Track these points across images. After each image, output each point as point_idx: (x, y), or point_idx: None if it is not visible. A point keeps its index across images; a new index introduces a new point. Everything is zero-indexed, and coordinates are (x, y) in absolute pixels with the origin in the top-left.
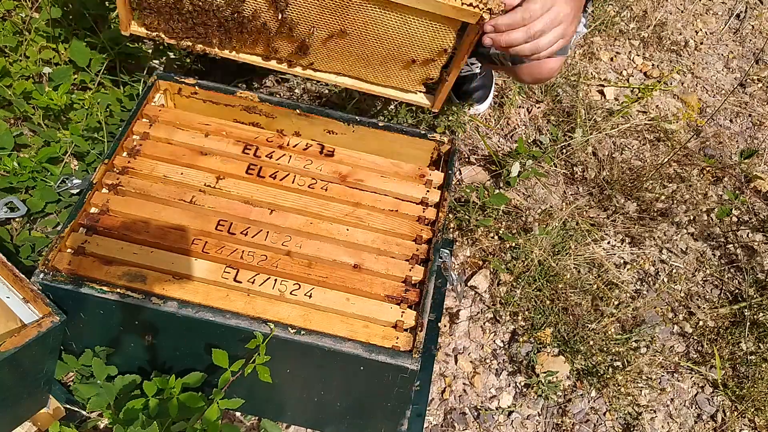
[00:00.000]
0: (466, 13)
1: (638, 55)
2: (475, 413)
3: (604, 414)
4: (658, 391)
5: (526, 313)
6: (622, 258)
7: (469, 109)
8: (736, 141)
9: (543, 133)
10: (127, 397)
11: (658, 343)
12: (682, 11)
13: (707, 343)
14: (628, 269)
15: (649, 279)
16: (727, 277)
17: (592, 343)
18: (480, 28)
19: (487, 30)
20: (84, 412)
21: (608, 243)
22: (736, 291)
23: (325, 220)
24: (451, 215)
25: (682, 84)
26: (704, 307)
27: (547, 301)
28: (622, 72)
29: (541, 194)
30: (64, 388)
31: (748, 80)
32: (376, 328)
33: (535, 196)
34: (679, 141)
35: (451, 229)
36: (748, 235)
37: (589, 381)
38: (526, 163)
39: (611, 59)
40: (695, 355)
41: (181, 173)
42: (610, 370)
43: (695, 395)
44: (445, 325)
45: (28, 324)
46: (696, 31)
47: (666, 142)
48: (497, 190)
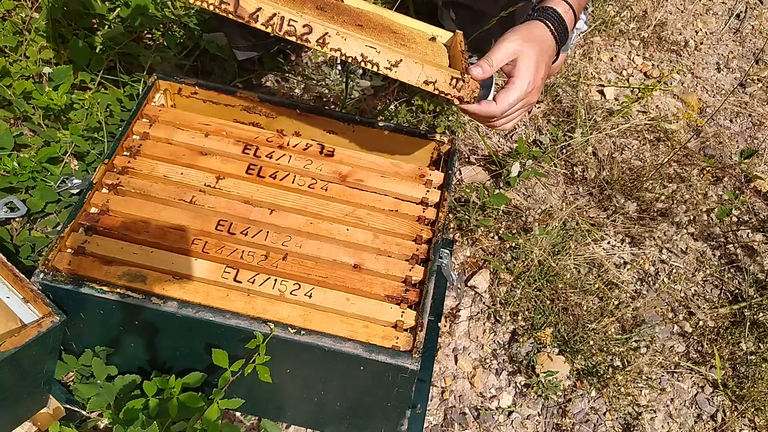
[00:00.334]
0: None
1: (638, 55)
2: (475, 413)
3: (604, 414)
4: (658, 391)
5: (526, 313)
6: (622, 258)
7: None
8: (736, 141)
9: (543, 133)
10: (127, 397)
11: (658, 343)
12: (682, 11)
13: (707, 343)
14: (628, 269)
15: (649, 279)
16: (727, 277)
17: (592, 343)
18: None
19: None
20: (84, 412)
21: (608, 243)
22: (736, 291)
23: (325, 220)
24: (451, 215)
25: (682, 84)
26: (704, 307)
27: (547, 301)
28: (622, 72)
29: (541, 194)
30: (64, 388)
31: (748, 80)
32: (376, 328)
33: (535, 196)
34: (679, 141)
35: (451, 229)
36: (748, 235)
37: (589, 381)
38: (526, 163)
39: (611, 59)
40: (695, 355)
41: (181, 173)
42: (610, 370)
43: (695, 395)
44: (445, 325)
45: (28, 324)
46: (696, 31)
47: (666, 142)
48: (497, 190)
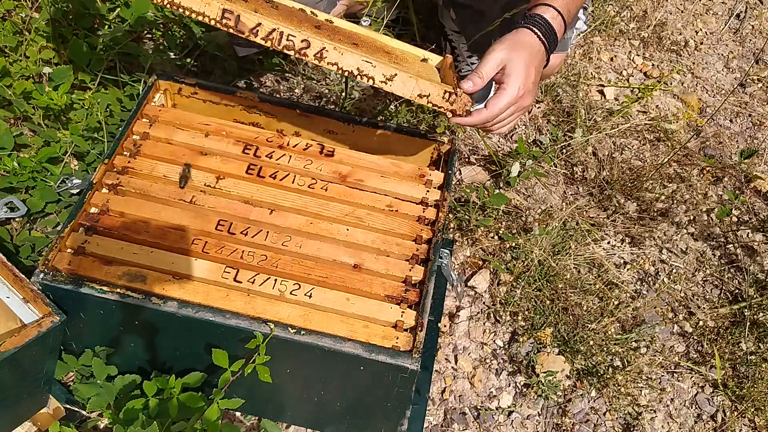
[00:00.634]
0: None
1: (638, 55)
2: (475, 413)
3: (604, 414)
4: (658, 391)
5: (526, 313)
6: (622, 258)
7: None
8: (736, 141)
9: (543, 133)
10: (127, 397)
11: (658, 343)
12: (682, 11)
13: (707, 343)
14: (628, 269)
15: (649, 279)
16: (727, 277)
17: (592, 343)
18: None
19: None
20: (84, 412)
21: (608, 243)
22: (736, 291)
23: (325, 220)
24: (451, 215)
25: (682, 84)
26: (704, 307)
27: (547, 301)
28: (622, 72)
29: (541, 194)
30: (64, 388)
31: (748, 80)
32: (376, 328)
33: (535, 196)
34: (679, 141)
35: (451, 229)
36: (748, 235)
37: (589, 381)
38: (526, 163)
39: (611, 59)
40: (695, 355)
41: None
42: (610, 370)
43: (695, 395)
44: (445, 325)
45: (28, 324)
46: (696, 31)
47: (666, 142)
48: (497, 190)
